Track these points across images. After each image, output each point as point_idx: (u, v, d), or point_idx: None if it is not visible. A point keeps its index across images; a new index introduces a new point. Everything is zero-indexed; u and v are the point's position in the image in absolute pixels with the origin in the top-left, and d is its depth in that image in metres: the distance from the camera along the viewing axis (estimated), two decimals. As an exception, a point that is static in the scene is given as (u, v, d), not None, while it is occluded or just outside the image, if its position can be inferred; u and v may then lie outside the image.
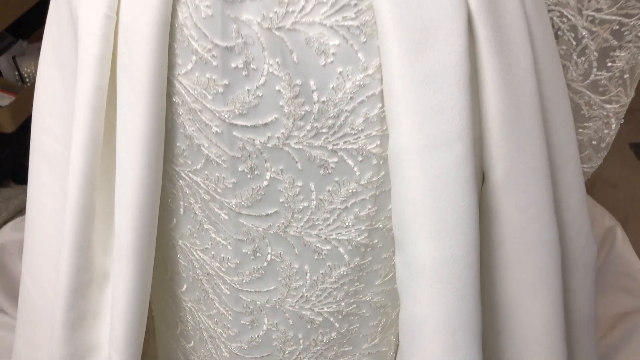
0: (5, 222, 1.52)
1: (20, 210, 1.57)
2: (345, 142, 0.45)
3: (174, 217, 0.56)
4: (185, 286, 0.62)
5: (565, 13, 0.52)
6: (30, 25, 1.62)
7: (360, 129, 0.44)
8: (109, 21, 0.44)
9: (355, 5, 0.39)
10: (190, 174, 0.51)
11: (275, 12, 0.40)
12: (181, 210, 0.55)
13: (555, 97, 0.51)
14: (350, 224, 0.49)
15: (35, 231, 0.65)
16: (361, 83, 0.42)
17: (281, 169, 0.47)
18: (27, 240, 0.67)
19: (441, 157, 0.42)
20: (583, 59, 0.53)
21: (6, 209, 1.59)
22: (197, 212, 0.54)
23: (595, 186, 1.77)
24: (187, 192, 0.53)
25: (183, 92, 0.46)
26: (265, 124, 0.45)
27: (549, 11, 0.52)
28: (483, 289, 0.54)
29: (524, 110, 0.45)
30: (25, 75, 1.61)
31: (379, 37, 0.39)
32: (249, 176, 0.48)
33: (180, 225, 0.56)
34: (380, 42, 0.40)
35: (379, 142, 0.45)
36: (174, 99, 0.47)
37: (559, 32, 0.53)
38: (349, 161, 0.46)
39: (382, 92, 0.42)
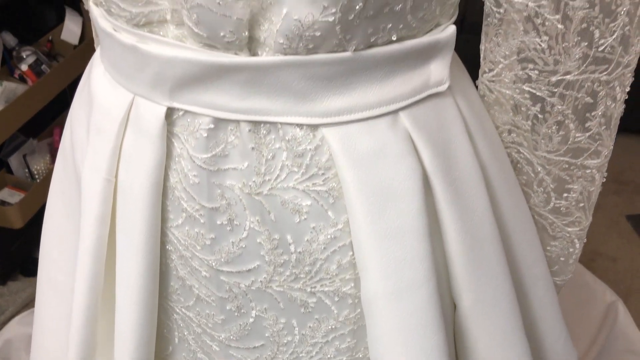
0: (13, 315, 1.54)
1: (28, 304, 1.59)
2: (322, 285, 0.49)
3: (169, 345, 0.60)
4: (182, 407, 0.65)
5: (521, 150, 0.57)
6: (39, 124, 1.68)
7: (334, 273, 0.48)
8: (109, 184, 0.49)
9: (323, 174, 0.44)
10: (183, 309, 0.55)
11: (254, 181, 0.45)
12: (176, 339, 0.59)
13: (518, 225, 0.56)
14: (332, 356, 0.53)
15: (40, 351, 0.69)
16: (332, 236, 0.46)
17: (265, 308, 0.51)
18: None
19: (407, 302, 0.46)
20: (542, 188, 0.58)
21: (14, 302, 1.60)
22: (190, 342, 0.58)
23: (594, 261, 1.77)
24: (181, 324, 0.57)
25: (175, 241, 0.51)
26: (249, 270, 0.49)
27: (507, 147, 0.57)
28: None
29: (485, 248, 0.50)
30: (35, 173, 1.64)
31: (345, 199, 0.44)
32: (236, 314, 0.52)
33: (175, 352, 0.60)
34: (346, 203, 0.44)
35: (353, 284, 0.49)
36: (167, 247, 0.52)
37: (518, 165, 0.58)
38: (327, 301, 0.50)
39: (352, 242, 0.47)
